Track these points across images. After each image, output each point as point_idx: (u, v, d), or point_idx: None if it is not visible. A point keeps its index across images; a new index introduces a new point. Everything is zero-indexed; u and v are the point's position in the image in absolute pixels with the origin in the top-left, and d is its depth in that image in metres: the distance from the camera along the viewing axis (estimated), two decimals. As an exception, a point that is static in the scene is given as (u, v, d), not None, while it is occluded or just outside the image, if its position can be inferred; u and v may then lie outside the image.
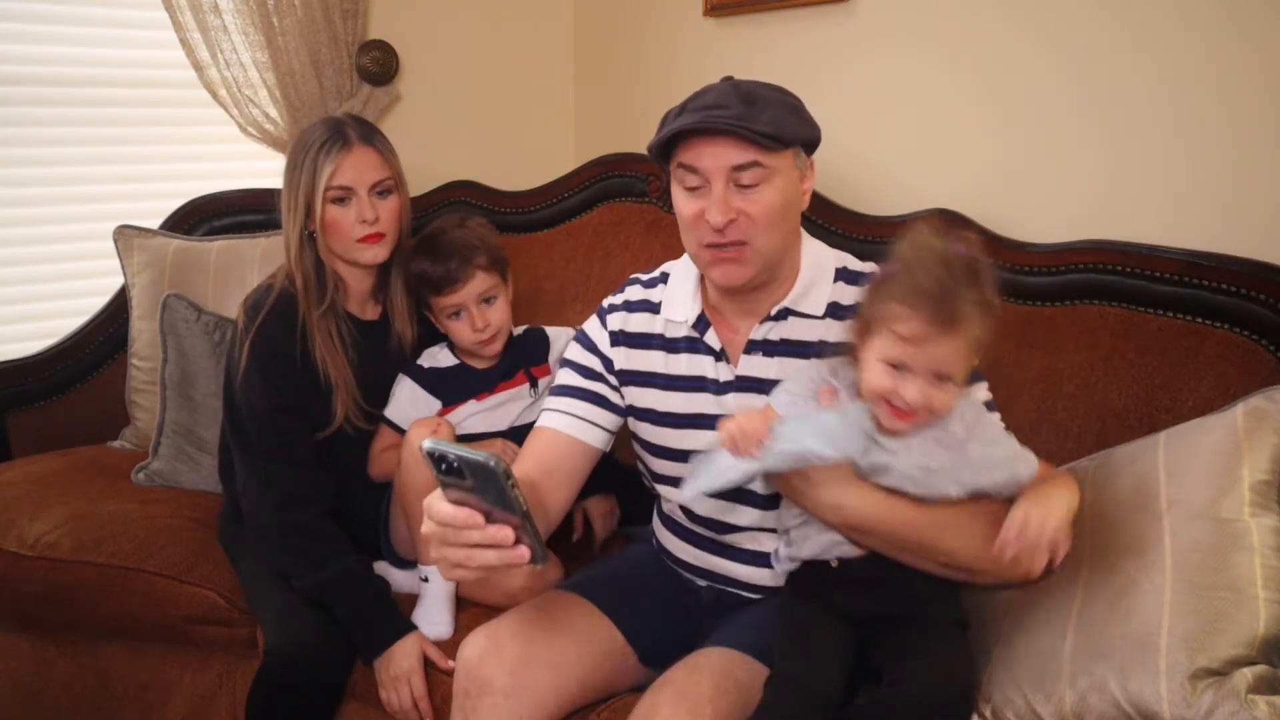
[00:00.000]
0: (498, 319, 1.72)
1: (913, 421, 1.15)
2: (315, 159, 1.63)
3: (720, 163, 1.24)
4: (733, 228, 1.25)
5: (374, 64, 2.33)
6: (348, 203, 1.64)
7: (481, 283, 1.70)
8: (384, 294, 1.77)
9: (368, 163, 1.65)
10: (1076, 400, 1.53)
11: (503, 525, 1.04)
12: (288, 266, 1.68)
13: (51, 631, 1.77)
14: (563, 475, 1.38)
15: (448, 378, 1.76)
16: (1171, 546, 1.10)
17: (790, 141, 1.26)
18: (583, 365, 1.45)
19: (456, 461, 1.01)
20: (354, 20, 2.28)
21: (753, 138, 1.21)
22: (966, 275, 1.11)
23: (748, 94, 1.26)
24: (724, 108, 1.23)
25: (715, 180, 1.25)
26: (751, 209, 1.25)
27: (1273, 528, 1.08)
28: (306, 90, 2.23)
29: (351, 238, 1.65)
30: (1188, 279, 1.48)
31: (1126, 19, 1.61)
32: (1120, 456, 1.26)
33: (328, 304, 1.67)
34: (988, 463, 1.16)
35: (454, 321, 1.72)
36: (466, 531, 1.05)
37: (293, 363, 1.63)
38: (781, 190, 1.26)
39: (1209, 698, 0.98)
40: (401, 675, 1.50)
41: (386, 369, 1.75)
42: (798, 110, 1.30)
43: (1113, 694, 1.04)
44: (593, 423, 1.42)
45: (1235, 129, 1.51)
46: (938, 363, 1.12)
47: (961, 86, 1.83)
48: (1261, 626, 1.02)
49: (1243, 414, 1.14)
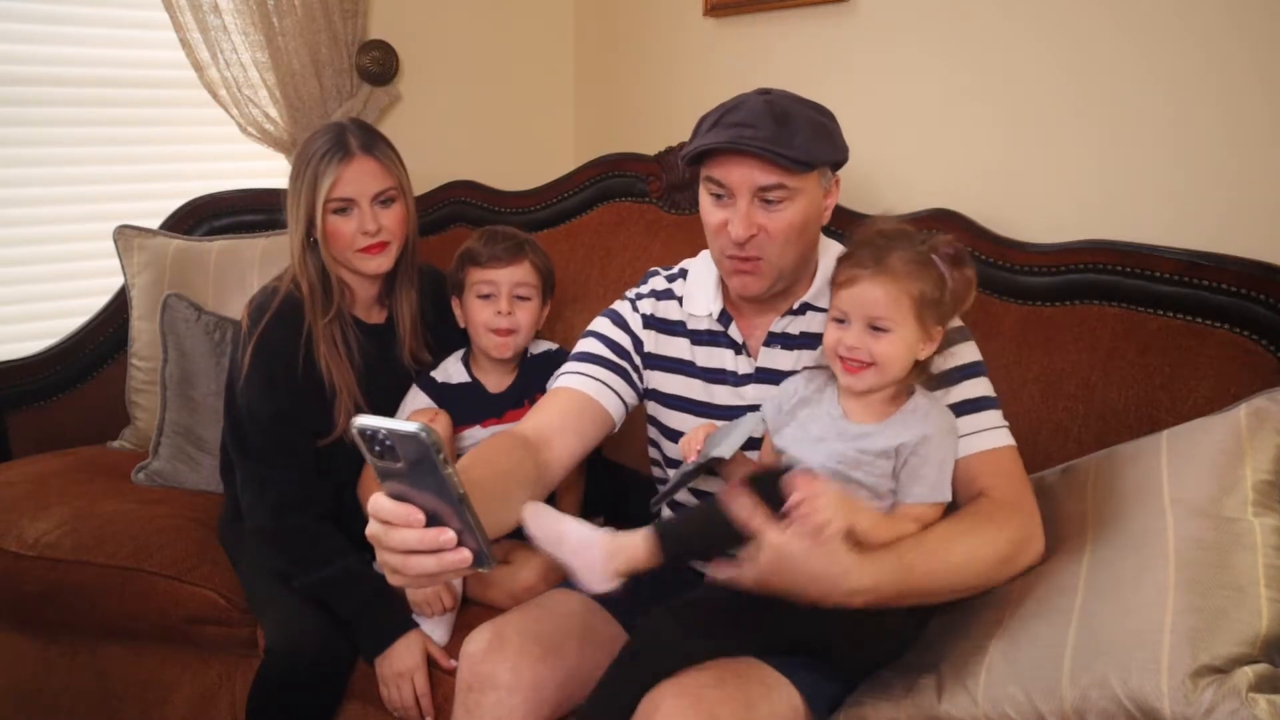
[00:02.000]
0: (524, 318, 1.71)
1: (860, 375, 1.21)
2: (316, 169, 1.62)
3: (747, 181, 1.27)
4: (751, 243, 1.30)
5: (374, 64, 2.33)
6: (349, 213, 1.63)
7: (524, 274, 1.71)
8: (390, 299, 1.76)
9: (369, 173, 1.63)
10: (1076, 400, 1.53)
11: (444, 529, 0.93)
12: (294, 272, 1.67)
13: (51, 631, 1.77)
14: (573, 435, 1.37)
15: (459, 395, 1.74)
16: (1174, 544, 1.11)
17: (818, 165, 1.29)
18: (611, 339, 1.46)
19: (387, 437, 0.88)
20: (354, 20, 2.28)
21: (782, 162, 1.24)
22: (901, 235, 1.21)
23: (782, 113, 1.27)
24: (755, 127, 1.25)
25: (741, 197, 1.28)
26: (772, 226, 1.29)
27: (1274, 527, 1.08)
28: (306, 90, 2.23)
29: (353, 247, 1.64)
30: (1188, 279, 1.48)
31: (1126, 19, 1.61)
32: (1122, 455, 1.26)
33: (333, 311, 1.66)
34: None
35: (480, 301, 1.71)
36: (402, 532, 0.94)
37: (295, 369, 1.62)
38: (804, 209, 1.30)
39: (1210, 695, 0.98)
40: (404, 672, 1.50)
41: (391, 375, 1.74)
42: (830, 133, 1.32)
43: (1114, 690, 1.04)
44: (613, 389, 1.42)
45: (1235, 129, 1.51)
46: (870, 307, 1.19)
47: (961, 86, 1.84)
48: (1263, 625, 1.02)
49: (1245, 414, 1.15)
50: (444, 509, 0.93)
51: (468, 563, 0.95)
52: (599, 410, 1.41)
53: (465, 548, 0.95)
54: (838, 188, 1.37)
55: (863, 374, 1.21)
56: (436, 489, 0.91)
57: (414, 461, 0.89)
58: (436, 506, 0.93)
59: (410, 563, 0.95)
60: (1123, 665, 1.04)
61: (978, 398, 1.30)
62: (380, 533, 0.96)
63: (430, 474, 0.90)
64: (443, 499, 0.92)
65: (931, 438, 1.21)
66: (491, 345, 1.71)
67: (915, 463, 1.20)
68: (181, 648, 1.73)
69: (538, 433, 1.34)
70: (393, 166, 1.67)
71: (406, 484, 0.93)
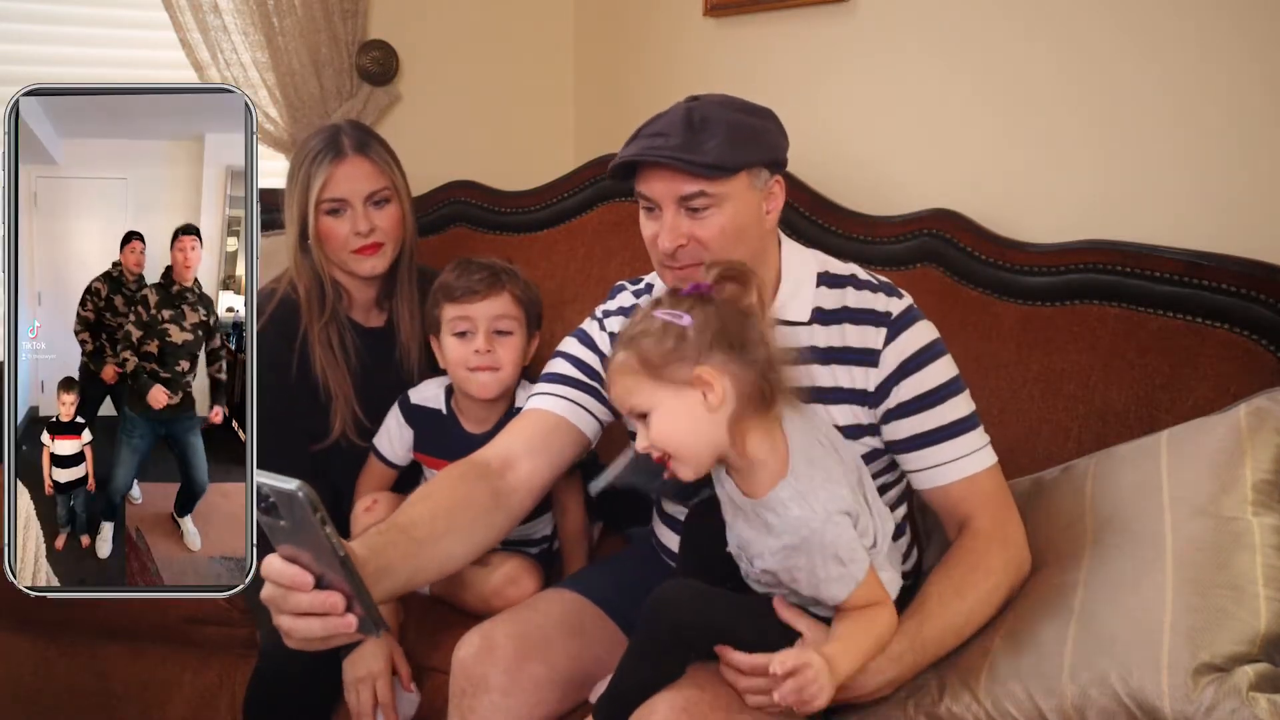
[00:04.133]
0: (506, 355, 1.58)
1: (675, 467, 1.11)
2: (309, 169, 1.61)
3: (668, 192, 1.24)
4: (683, 252, 1.26)
5: (374, 64, 2.33)
6: (342, 214, 1.62)
7: (503, 306, 1.57)
8: (389, 302, 1.74)
9: (361, 173, 1.62)
10: (1076, 400, 1.53)
11: (332, 592, 0.91)
12: (291, 273, 1.67)
13: (51, 631, 1.77)
14: (542, 456, 1.34)
15: (432, 423, 1.64)
16: (1173, 543, 1.11)
17: (737, 168, 1.23)
18: (580, 360, 1.44)
19: (270, 494, 0.85)
20: (354, 20, 2.28)
21: (694, 169, 1.20)
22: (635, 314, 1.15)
23: (701, 119, 1.23)
24: (666, 136, 1.22)
25: (665, 208, 1.25)
26: (703, 234, 1.24)
27: (1274, 526, 1.08)
28: (306, 90, 2.23)
29: (347, 249, 1.62)
30: (1188, 279, 1.48)
31: (1127, 19, 1.61)
32: (1122, 454, 1.27)
33: (329, 313, 1.65)
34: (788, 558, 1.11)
35: (456, 340, 1.58)
36: (297, 595, 0.92)
37: (289, 374, 1.61)
38: (734, 215, 1.24)
39: (1210, 694, 0.98)
40: (366, 677, 1.47)
41: (389, 379, 1.71)
42: (754, 133, 1.26)
43: (1114, 688, 1.04)
44: (585, 409, 1.39)
45: (1235, 128, 1.51)
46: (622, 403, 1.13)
47: (961, 86, 1.84)
48: (1263, 624, 1.02)
49: (1245, 414, 1.15)
50: (330, 572, 0.91)
51: (352, 627, 0.92)
52: (570, 429, 1.37)
53: (351, 614, 0.92)
54: (781, 189, 1.30)
55: (675, 467, 1.11)
56: (319, 550, 0.89)
57: (297, 521, 0.86)
58: (324, 569, 0.91)
59: (299, 625, 0.94)
60: (1123, 663, 1.05)
61: (954, 421, 1.27)
62: (277, 597, 0.94)
63: (312, 534, 0.87)
64: (327, 561, 0.89)
65: (799, 545, 1.09)
66: (473, 385, 1.58)
67: (808, 567, 1.09)
68: (181, 648, 1.72)
69: (501, 457, 1.31)
70: (387, 167, 1.66)
71: (295, 544, 0.90)
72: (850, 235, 1.88)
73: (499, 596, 1.54)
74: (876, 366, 1.28)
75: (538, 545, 1.70)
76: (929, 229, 1.79)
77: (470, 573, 1.59)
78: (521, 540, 1.67)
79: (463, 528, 1.21)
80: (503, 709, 1.28)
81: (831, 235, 1.89)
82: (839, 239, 1.87)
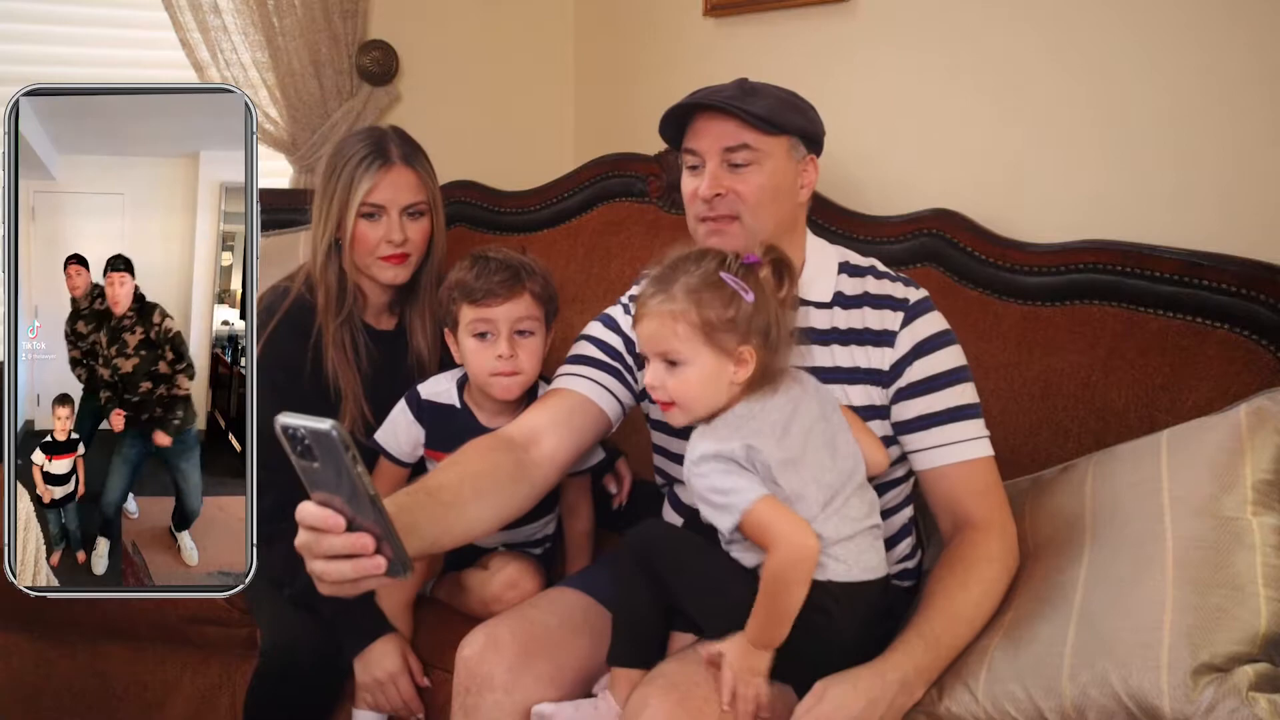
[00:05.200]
0: (528, 360, 1.52)
1: (670, 413, 1.19)
2: (354, 172, 1.59)
3: (714, 142, 1.32)
4: (721, 202, 1.32)
5: (374, 64, 2.33)
6: (377, 219, 1.61)
7: (525, 308, 1.51)
8: (401, 307, 1.73)
9: (405, 183, 1.62)
10: (1076, 400, 1.53)
11: (362, 534, 0.92)
12: (311, 274, 1.65)
13: (51, 631, 1.77)
14: (565, 431, 1.35)
15: (444, 419, 1.59)
16: (1173, 543, 1.11)
17: (783, 127, 1.31)
18: (604, 342, 1.46)
19: (305, 435, 0.85)
20: (354, 20, 2.28)
21: (745, 117, 1.29)
22: (688, 260, 1.20)
23: (752, 88, 1.34)
24: (721, 91, 1.33)
25: (709, 158, 1.32)
26: (741, 188, 1.31)
27: (1274, 526, 1.08)
28: (306, 90, 2.23)
29: (375, 254, 1.62)
30: (1188, 279, 1.48)
31: (1127, 19, 1.61)
32: (1122, 454, 1.27)
33: (345, 315, 1.64)
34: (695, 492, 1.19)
35: (476, 342, 1.51)
36: (330, 538, 0.93)
37: (299, 374, 1.60)
38: (772, 175, 1.32)
39: (1210, 694, 0.98)
40: (386, 678, 1.49)
41: (399, 382, 1.69)
42: (799, 107, 1.36)
43: (1114, 688, 1.04)
44: (607, 389, 1.41)
45: (1235, 129, 1.51)
46: (657, 342, 1.17)
47: (962, 86, 1.84)
48: (1263, 624, 1.02)
49: (1246, 414, 1.15)
50: (360, 516, 0.91)
51: (382, 569, 0.93)
52: (593, 408, 1.40)
53: (380, 555, 0.93)
54: (815, 169, 1.38)
55: (671, 412, 1.18)
56: (350, 491, 0.89)
57: (329, 462, 0.87)
58: (355, 513, 0.91)
59: (330, 569, 0.94)
60: (1123, 663, 1.05)
61: (960, 405, 1.31)
62: (310, 541, 0.95)
63: (344, 475, 0.87)
64: (357, 503, 0.90)
65: (702, 460, 1.15)
66: (496, 388, 1.52)
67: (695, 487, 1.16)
68: (181, 648, 1.73)
69: (525, 432, 1.33)
70: (428, 181, 1.66)
71: (327, 490, 0.91)
72: (850, 235, 1.88)
73: (499, 602, 1.53)
74: (892, 347, 1.33)
75: (539, 546, 1.70)
76: (929, 228, 1.79)
77: (471, 577, 1.59)
78: (523, 542, 1.67)
79: (489, 495, 1.22)
80: (506, 706, 1.28)
81: (832, 235, 1.88)
82: (839, 238, 1.86)
